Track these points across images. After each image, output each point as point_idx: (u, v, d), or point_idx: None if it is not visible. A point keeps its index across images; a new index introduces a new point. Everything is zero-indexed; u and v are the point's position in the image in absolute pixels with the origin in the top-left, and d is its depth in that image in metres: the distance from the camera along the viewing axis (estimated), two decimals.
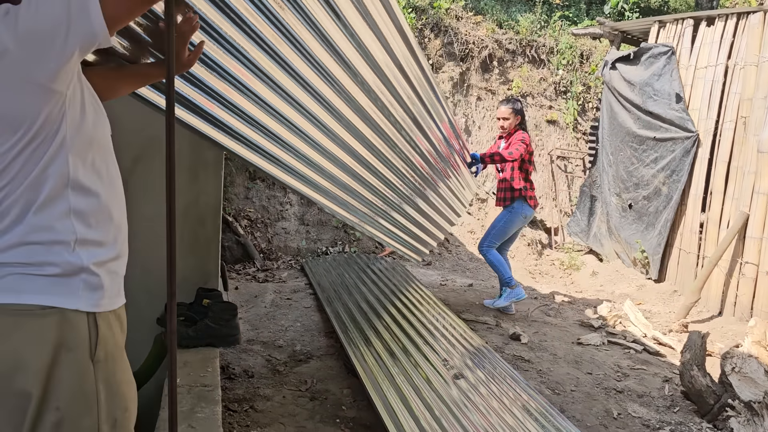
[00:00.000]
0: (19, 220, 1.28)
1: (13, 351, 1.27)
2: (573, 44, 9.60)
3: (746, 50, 5.79)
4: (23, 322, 1.28)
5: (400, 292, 5.02)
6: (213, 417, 1.75)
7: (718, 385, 3.51)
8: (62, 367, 1.29)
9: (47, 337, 1.28)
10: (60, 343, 1.28)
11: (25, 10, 1.17)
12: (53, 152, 1.27)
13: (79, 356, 1.31)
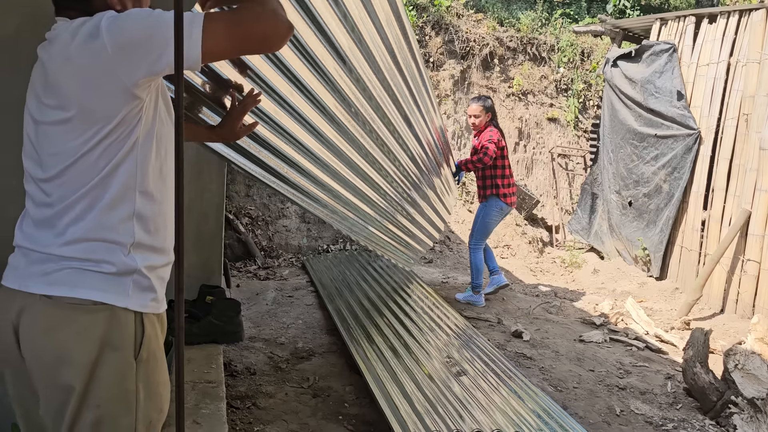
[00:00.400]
0: (84, 216, 1.30)
1: (62, 344, 1.28)
2: (574, 42, 9.60)
3: (748, 47, 5.79)
4: (74, 316, 1.29)
5: (401, 290, 5.02)
6: (218, 413, 1.75)
7: (721, 382, 3.51)
8: (106, 364, 1.30)
9: (95, 334, 1.29)
10: (106, 341, 1.29)
11: (133, 21, 1.24)
12: (124, 153, 1.30)
13: (124, 355, 1.32)
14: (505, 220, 8.06)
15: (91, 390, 1.29)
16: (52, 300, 1.29)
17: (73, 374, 1.28)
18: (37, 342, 1.31)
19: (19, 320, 1.33)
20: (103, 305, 1.30)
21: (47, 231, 1.33)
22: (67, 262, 1.30)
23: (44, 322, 1.30)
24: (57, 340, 1.29)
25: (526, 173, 9.14)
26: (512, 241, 7.90)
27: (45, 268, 1.31)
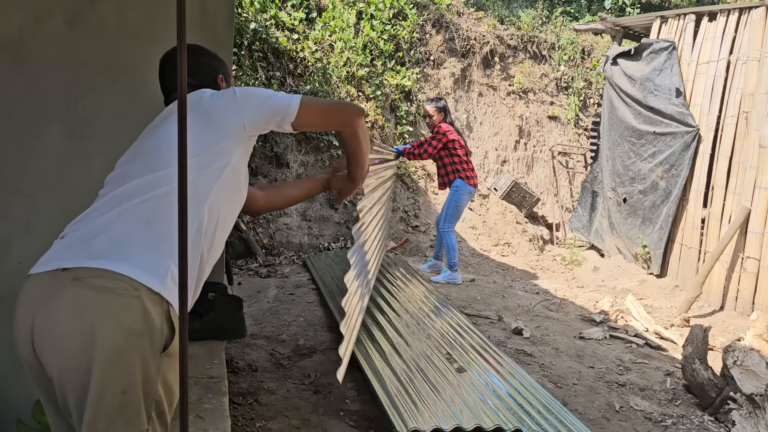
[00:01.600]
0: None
1: (89, 327, 1.30)
2: (574, 40, 9.60)
3: (748, 45, 5.80)
4: (104, 299, 1.32)
5: (402, 288, 5.03)
6: (220, 408, 1.77)
7: (720, 379, 3.53)
8: (132, 351, 1.32)
9: (123, 319, 1.32)
10: (134, 327, 1.32)
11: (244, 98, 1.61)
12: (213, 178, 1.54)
13: (151, 343, 1.35)
14: (505, 218, 8.09)
15: (116, 375, 1.32)
16: (83, 282, 1.33)
17: (99, 354, 1.30)
18: (63, 325, 1.32)
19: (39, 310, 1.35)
20: (134, 291, 1.33)
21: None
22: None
23: (74, 305, 1.32)
24: (86, 324, 1.31)
25: (526, 171, 9.16)
26: (513, 239, 7.91)
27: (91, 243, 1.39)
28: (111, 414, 1.32)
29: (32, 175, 2.45)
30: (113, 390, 1.32)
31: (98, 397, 1.31)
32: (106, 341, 1.30)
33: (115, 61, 2.49)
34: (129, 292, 1.33)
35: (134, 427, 1.35)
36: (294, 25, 7.58)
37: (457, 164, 5.78)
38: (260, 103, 1.61)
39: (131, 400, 1.33)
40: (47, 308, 1.34)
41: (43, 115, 2.45)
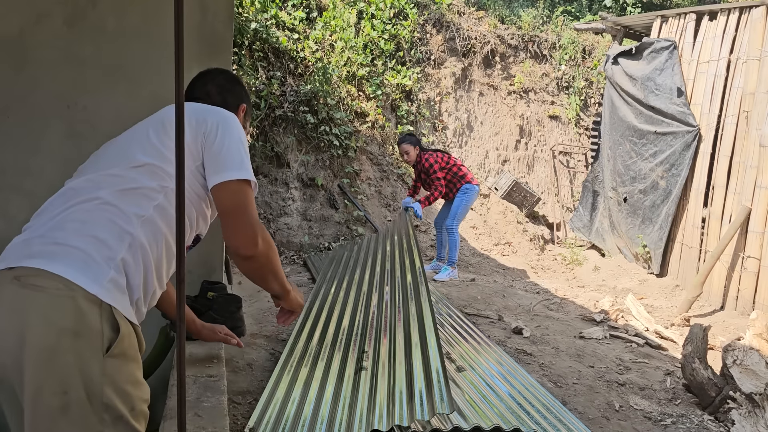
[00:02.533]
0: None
1: (22, 326, 1.30)
2: (575, 39, 9.61)
3: (749, 44, 5.79)
4: (37, 298, 1.31)
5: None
6: (219, 406, 1.77)
7: (720, 378, 3.53)
8: (69, 351, 1.30)
9: (56, 319, 1.30)
10: (68, 328, 1.30)
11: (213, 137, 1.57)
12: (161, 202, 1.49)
13: (89, 344, 1.33)
14: (506, 217, 8.10)
15: (51, 374, 1.29)
16: (20, 281, 1.32)
17: (31, 352, 1.28)
18: (1, 323, 1.32)
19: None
20: (68, 291, 1.32)
21: None
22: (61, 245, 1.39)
23: (9, 304, 1.32)
24: (19, 322, 1.30)
25: (527, 171, 9.16)
26: (513, 239, 7.92)
27: (30, 246, 1.39)
28: (52, 414, 1.29)
29: (32, 174, 2.46)
30: (52, 389, 1.29)
31: (34, 397, 1.29)
32: (37, 339, 1.29)
33: (115, 61, 2.50)
34: (62, 292, 1.31)
35: (80, 428, 1.32)
36: (294, 25, 7.59)
37: (457, 175, 5.99)
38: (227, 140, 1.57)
39: (74, 400, 1.30)
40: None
41: (43, 114, 2.46)
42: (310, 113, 7.11)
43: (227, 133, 1.56)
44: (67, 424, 1.31)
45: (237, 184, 1.52)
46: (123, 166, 1.51)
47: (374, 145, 7.84)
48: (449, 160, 6.04)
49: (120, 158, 1.54)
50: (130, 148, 1.55)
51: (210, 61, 2.67)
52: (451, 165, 6.02)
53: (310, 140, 7.14)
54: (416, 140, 6.05)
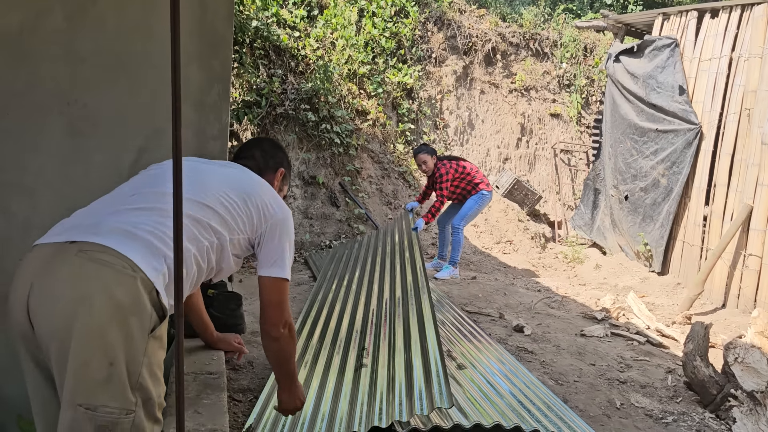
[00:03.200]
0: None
1: (84, 293, 1.40)
2: (576, 37, 9.59)
3: (750, 42, 5.78)
4: (103, 271, 1.42)
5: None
6: (219, 403, 1.77)
7: (721, 376, 3.52)
8: (122, 326, 1.40)
9: (118, 294, 1.41)
10: (126, 305, 1.41)
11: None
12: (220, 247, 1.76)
13: (140, 323, 1.44)
14: (507, 215, 8.09)
15: (101, 345, 1.39)
16: (86, 254, 1.44)
17: (89, 320, 1.38)
18: (60, 290, 1.42)
19: (38, 276, 1.44)
20: (132, 272, 1.45)
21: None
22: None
23: (72, 272, 1.43)
24: (82, 290, 1.41)
25: (528, 169, 9.15)
26: (514, 237, 7.91)
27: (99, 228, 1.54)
28: (96, 382, 1.38)
29: (32, 171, 2.46)
30: (99, 360, 1.38)
31: (84, 365, 1.37)
32: (97, 309, 1.39)
33: (115, 57, 2.49)
34: (127, 271, 1.44)
35: (118, 402, 1.40)
36: (295, 23, 7.58)
37: (470, 183, 5.99)
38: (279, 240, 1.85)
39: (117, 373, 1.39)
40: (47, 273, 1.44)
41: (43, 111, 2.46)
42: (311, 111, 7.11)
43: (284, 236, 1.85)
44: (107, 396, 1.39)
45: (279, 281, 1.83)
46: (198, 200, 1.71)
47: (375, 143, 7.83)
48: (463, 170, 6.00)
49: (198, 192, 1.72)
50: (208, 193, 1.74)
51: (210, 60, 2.67)
52: (465, 174, 5.99)
53: (311, 138, 7.13)
54: (432, 150, 6.02)
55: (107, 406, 1.39)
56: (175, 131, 1.16)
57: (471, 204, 5.97)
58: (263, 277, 1.83)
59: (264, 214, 1.82)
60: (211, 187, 1.75)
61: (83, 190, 2.50)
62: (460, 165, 6.02)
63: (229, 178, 1.84)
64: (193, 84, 2.62)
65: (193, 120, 2.63)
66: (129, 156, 2.54)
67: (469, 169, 6.03)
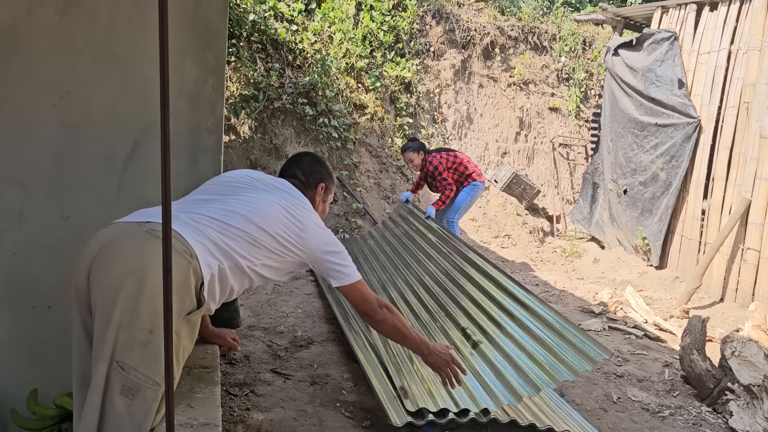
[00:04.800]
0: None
1: (142, 262, 1.58)
2: (575, 31, 9.55)
3: (749, 35, 5.76)
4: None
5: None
6: (212, 397, 1.76)
7: (718, 369, 3.52)
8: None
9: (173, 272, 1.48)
10: (177, 283, 1.56)
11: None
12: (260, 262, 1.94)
13: (182, 303, 1.62)
14: (506, 210, 8.08)
15: (147, 312, 1.52)
16: (154, 233, 1.62)
17: (141, 286, 1.54)
18: (122, 256, 1.59)
19: (106, 244, 1.63)
20: (189, 257, 1.63)
21: None
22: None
23: (137, 244, 1.61)
24: (142, 261, 1.57)
25: (527, 163, 9.13)
26: (513, 231, 7.90)
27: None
28: (134, 344, 1.52)
29: (26, 164, 2.45)
30: (142, 325, 1.53)
31: (127, 324, 1.52)
32: (150, 279, 1.54)
33: (108, 50, 2.48)
34: (185, 256, 1.63)
35: (149, 369, 1.52)
36: (293, 16, 7.55)
37: (464, 173, 5.95)
38: (327, 261, 2.05)
39: (154, 341, 1.53)
40: (116, 242, 1.63)
41: (36, 105, 2.44)
42: (309, 105, 7.09)
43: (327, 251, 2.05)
44: (140, 360, 1.53)
45: (350, 286, 2.08)
46: (258, 225, 1.90)
47: (373, 137, 7.81)
48: (455, 159, 5.96)
49: (260, 215, 1.92)
50: (269, 216, 1.94)
51: (204, 52, 2.65)
52: (457, 164, 5.95)
53: (308, 132, 7.11)
54: (419, 145, 5.97)
55: (138, 369, 1.52)
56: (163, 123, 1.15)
57: (463, 196, 5.94)
58: (342, 287, 2.09)
59: (300, 244, 2.01)
60: (265, 210, 1.94)
61: (77, 184, 2.50)
62: (451, 154, 5.99)
63: (283, 207, 2.01)
64: (187, 77, 2.60)
65: (187, 113, 2.61)
66: (123, 149, 2.53)
67: (461, 159, 5.98)
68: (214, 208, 1.88)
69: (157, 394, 1.54)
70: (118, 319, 1.51)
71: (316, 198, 2.27)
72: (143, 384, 1.52)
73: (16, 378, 2.41)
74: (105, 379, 1.51)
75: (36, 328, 2.47)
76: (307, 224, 2.02)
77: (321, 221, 2.13)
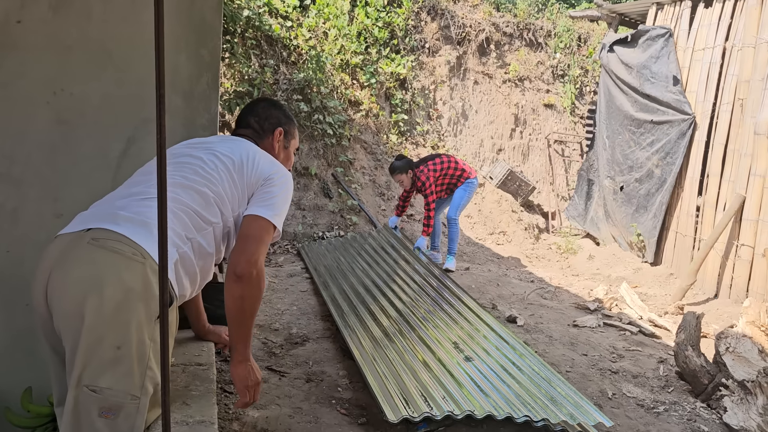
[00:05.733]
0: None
1: (95, 278, 1.46)
2: (570, 27, 9.56)
3: (744, 32, 5.77)
4: (114, 258, 1.48)
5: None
6: (207, 395, 1.76)
7: (713, 365, 3.54)
8: (130, 311, 1.45)
9: (127, 279, 1.46)
10: (135, 290, 1.47)
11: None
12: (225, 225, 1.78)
13: (147, 309, 1.49)
14: (501, 206, 8.09)
15: (112, 328, 1.44)
16: (98, 242, 1.50)
17: (99, 303, 1.43)
18: (73, 275, 1.48)
19: (56, 263, 1.51)
20: (141, 258, 1.50)
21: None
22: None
23: (85, 259, 1.49)
24: (93, 277, 1.46)
25: (522, 159, 9.14)
26: (508, 228, 7.91)
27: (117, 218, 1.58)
28: (103, 365, 1.43)
29: (20, 161, 2.43)
30: (109, 342, 1.43)
31: (92, 347, 1.43)
32: (109, 294, 1.44)
33: (102, 46, 2.46)
34: (137, 258, 1.50)
35: (123, 385, 1.45)
36: (287, 13, 7.52)
37: (455, 175, 5.89)
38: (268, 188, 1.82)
39: (124, 356, 1.44)
40: (63, 260, 1.51)
41: (29, 101, 2.42)
42: (304, 102, 7.07)
43: (284, 188, 1.83)
44: (113, 379, 1.44)
45: (262, 221, 1.74)
46: (204, 188, 1.73)
47: (368, 133, 7.80)
48: (442, 165, 5.85)
49: (205, 180, 1.75)
50: (212, 179, 1.76)
51: (199, 48, 2.63)
52: (446, 168, 5.85)
53: (303, 129, 7.10)
54: (405, 164, 5.78)
55: (112, 388, 1.44)
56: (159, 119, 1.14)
57: (461, 194, 5.92)
58: (246, 215, 1.76)
59: (257, 179, 1.82)
60: (208, 172, 1.76)
61: (71, 180, 2.48)
62: (437, 163, 5.85)
63: (223, 161, 1.82)
64: (182, 73, 2.58)
65: (181, 110, 2.60)
66: (117, 146, 2.51)
67: (447, 162, 5.87)
68: (154, 191, 1.66)
69: (139, 406, 1.47)
70: (84, 344, 1.43)
71: (274, 145, 2.06)
72: (122, 401, 1.45)
73: (10, 376, 2.39)
74: (74, 406, 1.44)
75: (30, 326, 2.44)
76: (260, 158, 1.86)
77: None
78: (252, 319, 1.75)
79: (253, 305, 1.72)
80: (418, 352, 3.40)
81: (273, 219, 1.75)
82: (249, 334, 1.77)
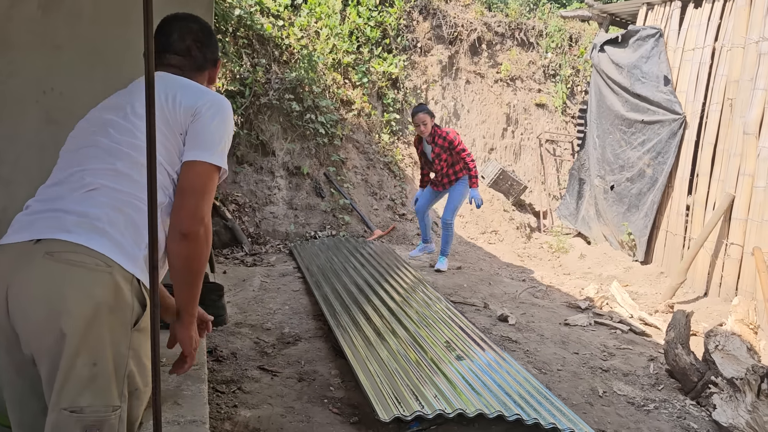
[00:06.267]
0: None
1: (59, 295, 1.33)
2: (562, 27, 9.59)
3: (733, 32, 5.81)
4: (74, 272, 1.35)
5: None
6: (199, 394, 1.75)
7: (702, 363, 3.56)
8: (102, 324, 1.35)
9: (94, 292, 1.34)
10: (104, 301, 1.34)
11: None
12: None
13: (121, 319, 1.38)
14: (493, 205, 8.11)
15: (86, 345, 1.34)
16: (53, 257, 1.35)
17: (69, 323, 1.32)
18: (35, 295, 1.34)
19: (12, 279, 1.37)
20: (106, 267, 1.36)
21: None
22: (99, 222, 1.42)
23: (44, 277, 1.35)
24: (53, 296, 1.33)
25: (513, 159, 9.16)
26: (500, 227, 7.93)
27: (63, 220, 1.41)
28: (81, 383, 1.35)
29: (9, 161, 2.42)
30: (84, 360, 1.34)
31: (67, 368, 1.34)
32: (76, 311, 1.33)
33: (92, 45, 2.46)
34: (101, 268, 1.36)
35: (103, 400, 1.37)
36: (279, 12, 7.51)
37: (462, 162, 5.77)
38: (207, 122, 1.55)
39: (101, 372, 1.35)
40: (19, 278, 1.36)
41: (19, 100, 2.42)
42: (296, 101, 7.06)
43: (217, 117, 1.55)
44: (91, 395, 1.35)
45: (205, 167, 1.50)
46: (137, 155, 1.51)
47: (360, 133, 7.80)
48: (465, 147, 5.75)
49: (132, 146, 1.53)
50: (137, 138, 1.54)
51: None
52: (464, 150, 5.72)
53: (295, 128, 7.09)
54: (432, 112, 5.70)
55: (92, 405, 1.36)
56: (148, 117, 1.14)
57: (458, 195, 5.84)
58: (185, 162, 1.51)
59: (184, 118, 1.55)
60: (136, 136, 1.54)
61: None
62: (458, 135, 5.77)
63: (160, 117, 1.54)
64: None
65: None
66: None
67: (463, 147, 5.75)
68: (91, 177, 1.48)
69: (121, 414, 1.41)
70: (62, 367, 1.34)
71: (215, 79, 1.80)
72: (103, 415, 1.38)
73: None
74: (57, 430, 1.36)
75: None
76: (179, 92, 1.58)
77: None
78: (200, 277, 1.59)
79: (201, 263, 1.56)
80: (410, 351, 3.41)
81: (212, 159, 1.51)
82: (197, 294, 1.61)
